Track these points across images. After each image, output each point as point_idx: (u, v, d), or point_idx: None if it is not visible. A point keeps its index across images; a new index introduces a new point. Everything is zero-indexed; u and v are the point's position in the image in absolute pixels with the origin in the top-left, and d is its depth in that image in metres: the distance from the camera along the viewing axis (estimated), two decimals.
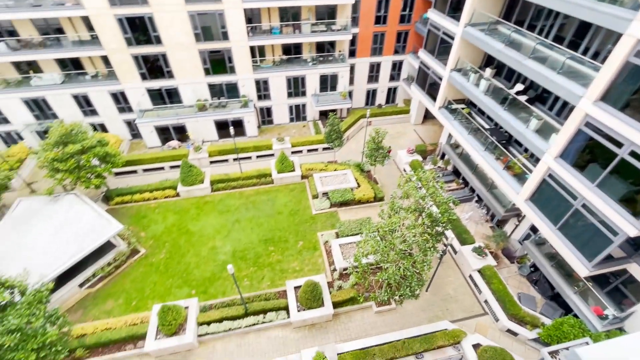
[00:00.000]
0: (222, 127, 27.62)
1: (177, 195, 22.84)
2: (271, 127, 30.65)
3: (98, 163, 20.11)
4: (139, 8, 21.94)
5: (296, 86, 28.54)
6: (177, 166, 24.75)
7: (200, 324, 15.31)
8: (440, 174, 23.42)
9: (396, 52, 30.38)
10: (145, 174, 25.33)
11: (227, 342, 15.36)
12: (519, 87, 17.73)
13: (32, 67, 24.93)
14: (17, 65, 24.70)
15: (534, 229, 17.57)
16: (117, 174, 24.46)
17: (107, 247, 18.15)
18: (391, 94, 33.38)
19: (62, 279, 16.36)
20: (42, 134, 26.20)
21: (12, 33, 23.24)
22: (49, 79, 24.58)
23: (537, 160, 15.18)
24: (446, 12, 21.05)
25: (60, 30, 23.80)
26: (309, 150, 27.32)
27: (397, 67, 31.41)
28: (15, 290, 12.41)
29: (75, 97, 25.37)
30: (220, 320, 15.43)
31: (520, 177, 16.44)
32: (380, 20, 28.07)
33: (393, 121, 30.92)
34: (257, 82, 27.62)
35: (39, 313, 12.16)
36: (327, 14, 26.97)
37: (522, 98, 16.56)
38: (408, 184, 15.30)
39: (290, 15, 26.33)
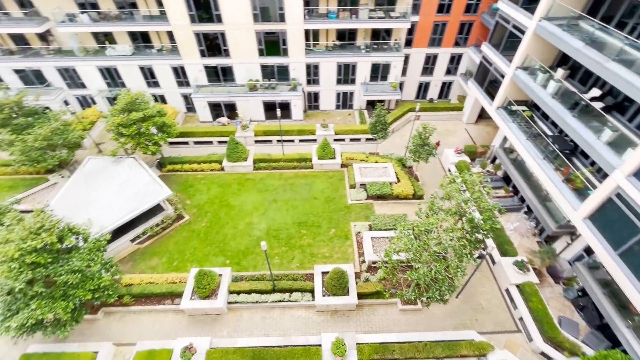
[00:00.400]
0: (269, 108, 28.29)
1: (222, 169, 24.07)
2: (317, 112, 30.75)
3: (156, 131, 21.77)
4: None
5: (346, 73, 28.15)
6: (225, 142, 25.97)
7: (231, 292, 16.31)
8: (489, 178, 22.01)
9: (456, 44, 28.54)
10: (196, 146, 26.96)
11: (254, 313, 16.23)
12: (595, 92, 15.84)
13: (108, 38, 27.30)
14: (96, 36, 27.20)
15: (588, 251, 15.98)
16: (171, 143, 26.27)
17: (157, 209, 19.84)
18: (445, 88, 31.66)
19: (118, 233, 18.26)
20: (112, 100, 28.86)
21: (94, 5, 25.52)
22: (121, 50, 26.80)
23: (605, 176, 13.61)
24: (520, 3, 19.22)
25: (134, 5, 25.66)
26: (351, 140, 27.08)
27: (455, 60, 29.57)
28: (80, 236, 14.11)
29: (142, 69, 27.44)
30: (249, 292, 16.30)
31: (581, 193, 14.91)
32: (443, 8, 26.42)
33: (443, 118, 29.40)
34: (308, 67, 27.68)
35: (97, 259, 13.78)
36: (387, 0, 25.97)
37: (597, 105, 14.79)
38: (451, 185, 14.63)
39: (348, 0, 25.76)
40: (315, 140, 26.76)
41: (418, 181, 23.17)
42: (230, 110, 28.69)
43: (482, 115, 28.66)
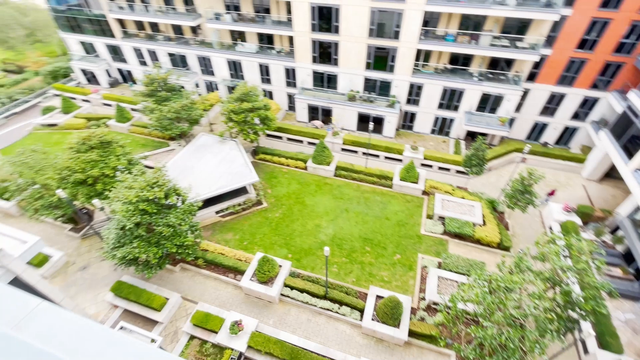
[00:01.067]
0: (362, 120, 28.67)
1: (305, 168, 25.32)
2: (409, 132, 29.92)
3: (258, 122, 24.14)
4: None
5: (451, 99, 26.71)
6: (313, 144, 27.30)
7: (285, 285, 16.99)
8: (603, 250, 18.12)
9: (594, 86, 24.42)
10: (287, 142, 28.99)
11: (301, 312, 16.59)
12: None
13: (241, 36, 31.46)
14: (232, 33, 31.62)
15: None
16: (267, 135, 28.80)
17: (242, 190, 21.97)
18: (566, 134, 27.34)
19: (207, 202, 20.80)
20: (230, 89, 33.12)
21: (237, 8, 29.74)
22: (248, 47, 30.58)
23: None
24: None
25: (267, 10, 29.04)
26: (440, 168, 25.53)
27: (588, 104, 25.32)
28: (180, 198, 16.53)
29: (260, 66, 30.82)
30: (301, 291, 16.73)
31: None
32: (585, 44, 22.94)
33: (557, 167, 25.42)
34: (411, 86, 27.17)
35: (187, 220, 15.95)
36: (516, 29, 23.83)
37: None
38: (550, 246, 12.52)
39: (471, 24, 24.47)
40: (401, 160, 26.07)
41: (507, 230, 20.51)
42: (326, 115, 30.01)
43: (611, 174, 23.83)
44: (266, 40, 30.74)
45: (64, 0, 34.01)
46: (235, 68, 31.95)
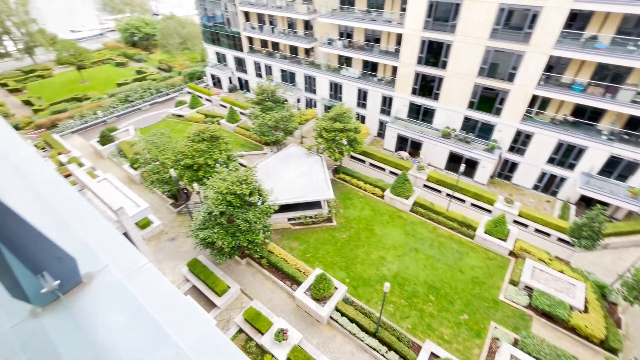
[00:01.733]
0: (453, 160, 26.91)
1: (382, 197, 24.80)
2: (505, 183, 26.84)
3: (346, 143, 24.83)
4: (444, 35, 24.13)
5: (566, 155, 23.15)
6: (395, 174, 26.65)
7: (337, 309, 16.63)
8: None
9: None
10: (369, 167, 28.97)
11: (347, 342, 15.95)
12: None
13: (347, 61, 33.24)
14: (339, 58, 33.67)
15: None
16: (352, 156, 29.32)
17: (316, 204, 22.67)
18: None
19: (283, 208, 21.98)
20: (327, 108, 35.00)
21: (349, 35, 31.66)
22: (352, 72, 32.06)
23: None
24: None
25: (377, 40, 30.14)
26: (537, 230, 22.07)
27: None
28: (261, 198, 17.92)
29: (359, 91, 31.91)
30: (351, 320, 16.12)
31: None
32: None
33: None
34: (518, 133, 24.51)
35: (262, 220, 17.14)
36: None
37: None
38: None
39: (609, 75, 21.07)
40: (490, 211, 23.46)
41: (619, 328, 16.35)
42: (414, 148, 29.12)
43: None
44: (370, 67, 31.79)
45: (213, 19, 41.35)
46: (335, 89, 33.75)
